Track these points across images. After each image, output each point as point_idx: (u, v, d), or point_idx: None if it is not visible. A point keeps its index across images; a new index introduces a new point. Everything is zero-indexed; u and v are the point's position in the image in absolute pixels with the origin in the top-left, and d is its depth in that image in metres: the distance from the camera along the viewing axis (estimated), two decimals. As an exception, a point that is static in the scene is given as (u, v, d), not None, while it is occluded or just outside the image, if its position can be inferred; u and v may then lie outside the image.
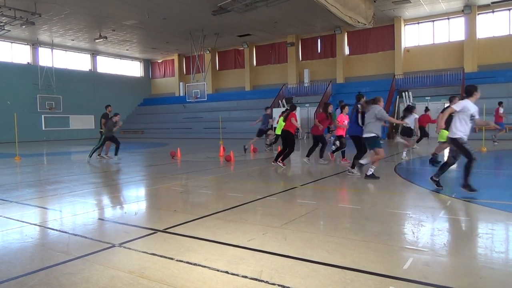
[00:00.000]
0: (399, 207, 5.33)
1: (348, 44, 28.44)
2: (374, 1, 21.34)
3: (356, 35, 27.73)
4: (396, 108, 23.75)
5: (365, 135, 7.50)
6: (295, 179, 8.08)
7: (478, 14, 23.67)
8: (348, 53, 28.51)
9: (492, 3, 22.72)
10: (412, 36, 26.20)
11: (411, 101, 21.93)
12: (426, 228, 4.18)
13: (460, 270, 3.07)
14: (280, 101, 28.06)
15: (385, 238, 3.85)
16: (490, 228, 4.17)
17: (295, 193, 6.33)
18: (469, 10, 23.23)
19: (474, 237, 3.96)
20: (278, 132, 11.79)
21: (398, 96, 24.09)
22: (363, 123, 7.82)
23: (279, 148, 10.21)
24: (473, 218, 4.63)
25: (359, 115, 8.11)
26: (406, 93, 23.08)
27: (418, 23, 25.84)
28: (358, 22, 20.43)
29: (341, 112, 10.29)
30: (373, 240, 3.79)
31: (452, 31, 24.83)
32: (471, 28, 23.59)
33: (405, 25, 26.17)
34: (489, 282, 2.83)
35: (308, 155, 10.42)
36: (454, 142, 5.84)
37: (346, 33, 28.10)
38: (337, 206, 5.35)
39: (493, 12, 23.55)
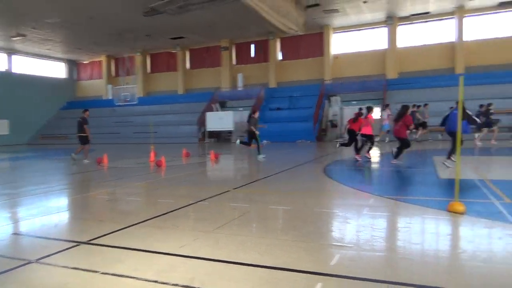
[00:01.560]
0: (328, 206, 5.56)
1: (281, 50, 29.27)
2: (305, 9, 22.21)
3: (288, 41, 28.63)
4: (326, 111, 24.87)
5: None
6: (228, 183, 8.09)
7: (399, 25, 25.68)
8: (280, 58, 29.32)
9: (411, 15, 24.79)
10: (340, 43, 27.68)
11: (339, 105, 23.11)
12: (351, 225, 4.41)
13: (382, 263, 3.28)
14: (213, 105, 28.02)
15: (314, 237, 3.99)
16: (408, 222, 4.52)
17: (227, 197, 6.34)
18: (391, 21, 25.12)
19: (394, 231, 4.26)
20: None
21: (327, 101, 25.25)
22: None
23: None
24: (393, 213, 4.98)
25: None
26: (335, 97, 24.28)
27: (345, 31, 27.36)
28: (290, 28, 21.14)
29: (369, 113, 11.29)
30: (303, 239, 3.91)
31: (376, 40, 26.65)
32: (392, 37, 25.51)
33: (333, 33, 27.56)
34: (408, 272, 3.05)
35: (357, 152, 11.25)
36: None
37: (279, 39, 28.89)
38: (269, 208, 5.45)
39: (412, 23, 25.69)
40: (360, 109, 11.81)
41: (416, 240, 3.86)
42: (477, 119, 11.17)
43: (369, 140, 11.40)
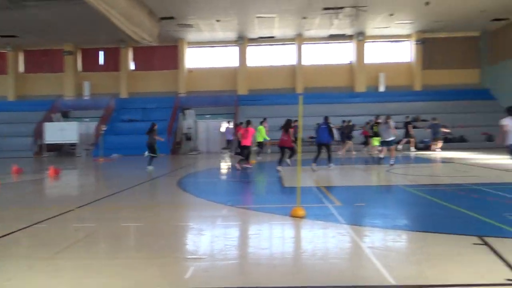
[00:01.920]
0: (182, 220, 5.52)
1: (133, 60, 28.16)
2: (159, 21, 21.95)
3: (142, 51, 27.77)
4: (180, 124, 24.84)
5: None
6: (71, 201, 7.29)
7: (249, 45, 27.54)
8: (133, 68, 28.19)
9: (259, 37, 26.90)
10: (195, 58, 28.16)
11: (194, 118, 23.39)
12: (205, 237, 4.46)
13: (235, 271, 3.39)
14: (53, 115, 25.10)
15: (168, 252, 3.89)
16: (257, 229, 4.81)
17: (70, 217, 5.69)
18: (241, 41, 26.78)
19: (245, 239, 4.47)
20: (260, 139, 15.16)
21: (181, 114, 25.27)
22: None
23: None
24: (244, 222, 5.23)
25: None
26: (189, 111, 24.49)
27: (200, 46, 28.00)
28: (143, 38, 20.55)
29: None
30: (156, 255, 3.77)
31: (228, 57, 28.00)
32: (242, 56, 27.19)
33: (188, 47, 27.90)
34: (258, 276, 3.23)
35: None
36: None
37: (131, 48, 27.76)
38: (120, 226, 5.11)
39: (260, 45, 27.87)
40: (241, 123, 12.52)
41: (265, 245, 4.12)
42: (336, 133, 13.23)
43: (246, 150, 12.10)
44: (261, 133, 15.30)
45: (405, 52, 27.64)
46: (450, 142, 20.49)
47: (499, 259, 3.44)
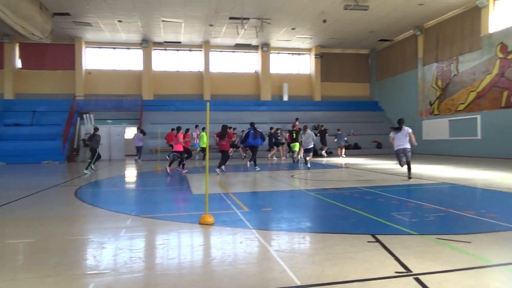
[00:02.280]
0: (81, 233, 5.10)
1: (21, 57, 25.35)
2: (53, 16, 20.16)
3: (31, 48, 25.12)
4: (77, 129, 23.04)
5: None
6: None
7: (154, 49, 26.77)
8: (20, 66, 25.37)
9: (165, 42, 26.30)
10: (94, 58, 26.43)
11: (93, 123, 21.89)
12: (107, 250, 4.18)
13: (141, 283, 3.23)
14: None
15: (64, 269, 3.55)
16: (165, 239, 4.65)
17: None
18: (146, 44, 25.89)
19: (152, 250, 4.29)
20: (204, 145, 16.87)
21: (79, 118, 23.49)
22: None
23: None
24: (151, 232, 5.03)
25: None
26: (88, 115, 22.84)
27: (100, 47, 26.37)
28: (33, 34, 18.67)
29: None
30: (50, 273, 3.42)
31: (132, 60, 26.85)
32: (147, 60, 26.32)
33: (86, 47, 26.09)
34: (163, 286, 3.12)
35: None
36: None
37: (17, 43, 24.96)
38: (3, 243, 4.52)
39: (166, 49, 27.26)
40: (172, 129, 14.91)
41: (173, 254, 4.01)
42: (265, 137, 14.59)
43: (181, 155, 13.38)
44: (203, 140, 17.54)
45: (306, 65, 29.52)
46: (347, 149, 22.39)
47: (389, 254, 3.84)
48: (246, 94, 28.05)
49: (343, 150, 20.94)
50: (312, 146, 14.25)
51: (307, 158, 14.35)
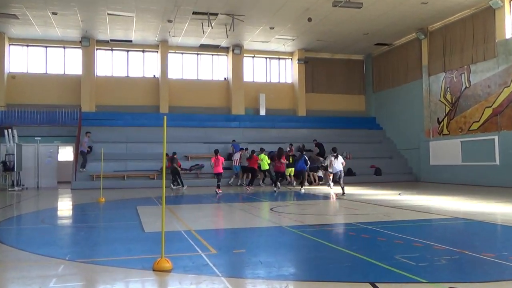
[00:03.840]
0: (-4, 284, 4.87)
1: None
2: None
3: None
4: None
5: None
6: None
7: (97, 49, 26.58)
8: None
9: (111, 40, 26.19)
10: (19, 59, 25.96)
11: (16, 141, 21.30)
12: (33, 306, 3.99)
13: None
14: None
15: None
16: (109, 291, 4.50)
17: None
18: (87, 43, 25.64)
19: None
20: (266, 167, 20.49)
21: (-1, 135, 22.80)
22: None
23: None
24: (89, 281, 4.86)
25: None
26: (10, 130, 22.15)
27: (28, 45, 25.97)
28: None
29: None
30: None
31: (69, 62, 26.52)
32: (89, 62, 26.01)
33: (10, 44, 25.64)
34: None
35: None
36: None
37: None
38: None
39: (112, 50, 27.11)
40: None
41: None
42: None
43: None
44: (264, 161, 20.37)
45: (287, 72, 30.02)
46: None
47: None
48: (213, 106, 28.11)
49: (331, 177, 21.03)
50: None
51: (331, 184, 17.90)
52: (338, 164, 15.80)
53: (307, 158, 19.63)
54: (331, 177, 17.62)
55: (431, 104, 24.27)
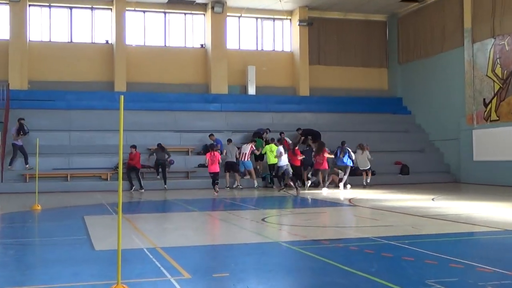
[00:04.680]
0: None
1: None
2: None
3: None
4: None
5: None
6: None
7: (31, 5, 26.21)
8: None
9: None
10: None
11: None
12: None
13: None
14: None
15: None
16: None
17: None
18: (16, -2, 25.33)
19: None
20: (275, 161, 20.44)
21: None
22: None
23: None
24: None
25: None
26: None
27: None
28: None
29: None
30: None
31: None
32: (19, 23, 25.66)
33: None
34: None
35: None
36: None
37: None
38: None
39: (50, 6, 26.75)
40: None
41: None
42: None
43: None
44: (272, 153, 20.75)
45: (285, 38, 29.89)
46: (354, 175, 22.30)
47: None
48: (186, 83, 27.99)
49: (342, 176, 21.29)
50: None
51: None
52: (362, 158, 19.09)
53: (351, 151, 20.67)
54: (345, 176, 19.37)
55: (476, 80, 24.24)
